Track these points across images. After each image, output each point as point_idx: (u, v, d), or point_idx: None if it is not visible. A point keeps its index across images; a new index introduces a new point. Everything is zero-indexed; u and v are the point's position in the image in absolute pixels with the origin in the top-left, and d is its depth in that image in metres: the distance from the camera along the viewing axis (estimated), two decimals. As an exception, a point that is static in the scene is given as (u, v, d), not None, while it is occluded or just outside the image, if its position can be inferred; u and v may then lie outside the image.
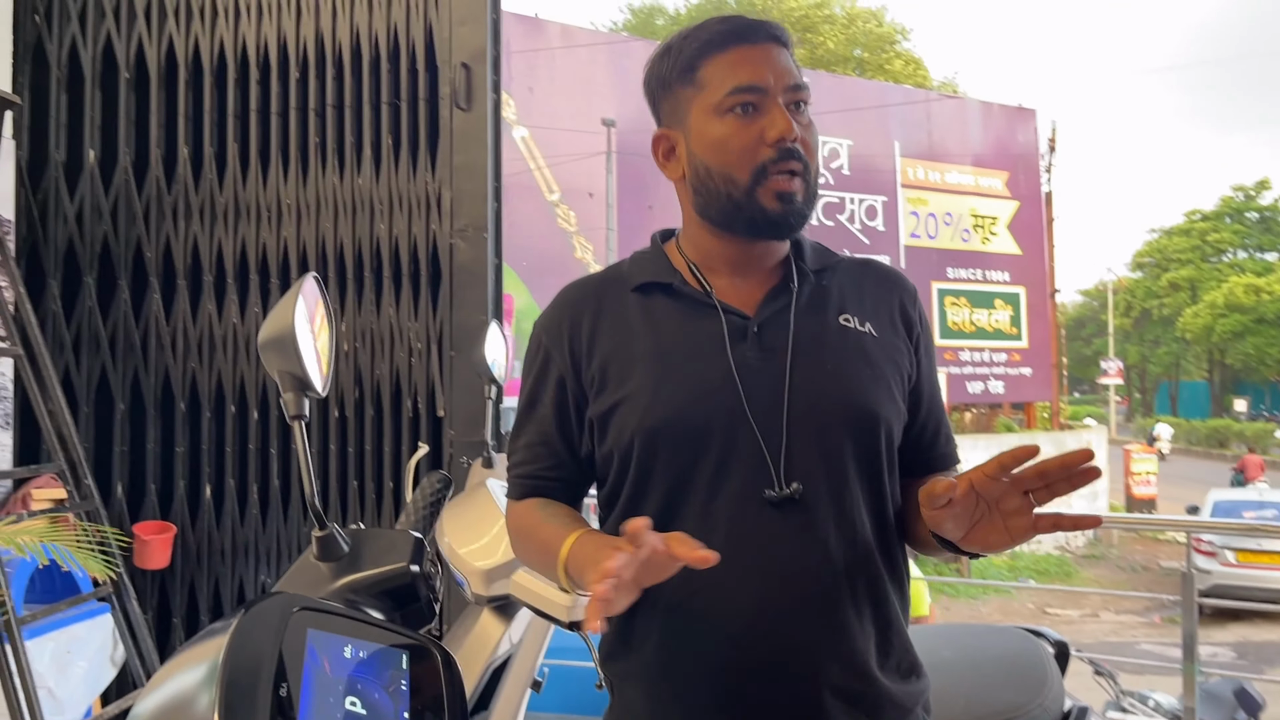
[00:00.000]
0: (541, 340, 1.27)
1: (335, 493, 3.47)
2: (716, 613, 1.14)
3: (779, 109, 1.16)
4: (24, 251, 3.55)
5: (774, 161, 1.15)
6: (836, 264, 1.28)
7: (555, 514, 1.22)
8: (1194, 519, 6.42)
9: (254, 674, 0.84)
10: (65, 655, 2.92)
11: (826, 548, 1.14)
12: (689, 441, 1.15)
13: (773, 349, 1.18)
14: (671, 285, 1.23)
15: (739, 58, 1.17)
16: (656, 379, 1.17)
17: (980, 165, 19.56)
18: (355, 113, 3.50)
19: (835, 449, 1.16)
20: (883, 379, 1.20)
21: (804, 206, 1.18)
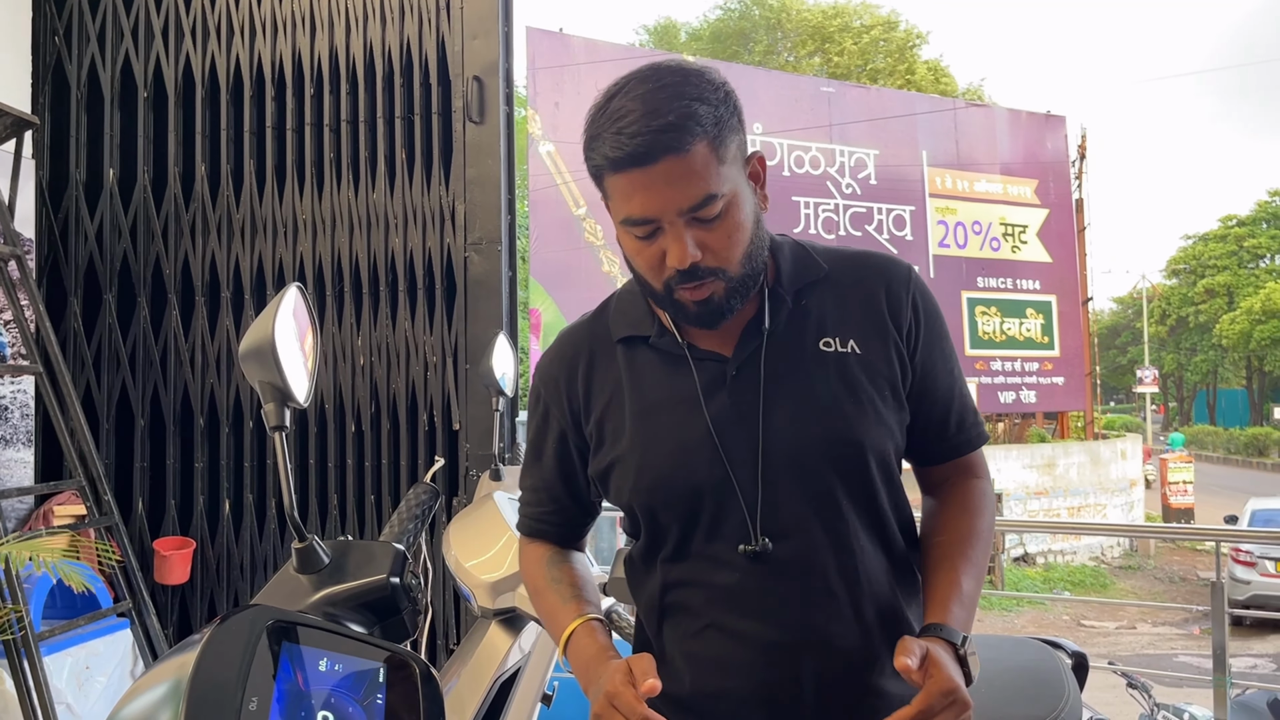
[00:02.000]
0: (540, 394, 1.32)
1: (353, 507, 3.48)
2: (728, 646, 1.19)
3: (674, 233, 1.10)
4: (45, 270, 3.59)
5: (678, 281, 1.13)
6: (821, 275, 1.24)
7: (558, 579, 1.31)
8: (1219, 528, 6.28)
9: (222, 688, 0.83)
10: (84, 671, 2.93)
11: (818, 586, 1.17)
12: (681, 502, 1.20)
13: (749, 390, 1.19)
14: (649, 339, 1.25)
15: (630, 185, 1.10)
16: (644, 441, 1.21)
17: (1009, 173, 19.40)
18: (369, 127, 3.52)
19: (824, 488, 1.17)
20: (867, 402, 1.19)
21: (725, 301, 1.15)
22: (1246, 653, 11.74)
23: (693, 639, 1.22)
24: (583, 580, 1.32)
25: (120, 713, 0.86)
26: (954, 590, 1.17)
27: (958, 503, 1.28)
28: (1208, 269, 40.01)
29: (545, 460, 1.32)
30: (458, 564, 2.08)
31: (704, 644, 1.21)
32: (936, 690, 1.04)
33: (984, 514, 1.27)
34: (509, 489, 2.37)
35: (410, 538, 1.37)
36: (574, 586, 1.30)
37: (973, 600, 1.19)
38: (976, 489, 1.29)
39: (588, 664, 1.18)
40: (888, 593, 1.21)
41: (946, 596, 1.17)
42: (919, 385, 1.24)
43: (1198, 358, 41.57)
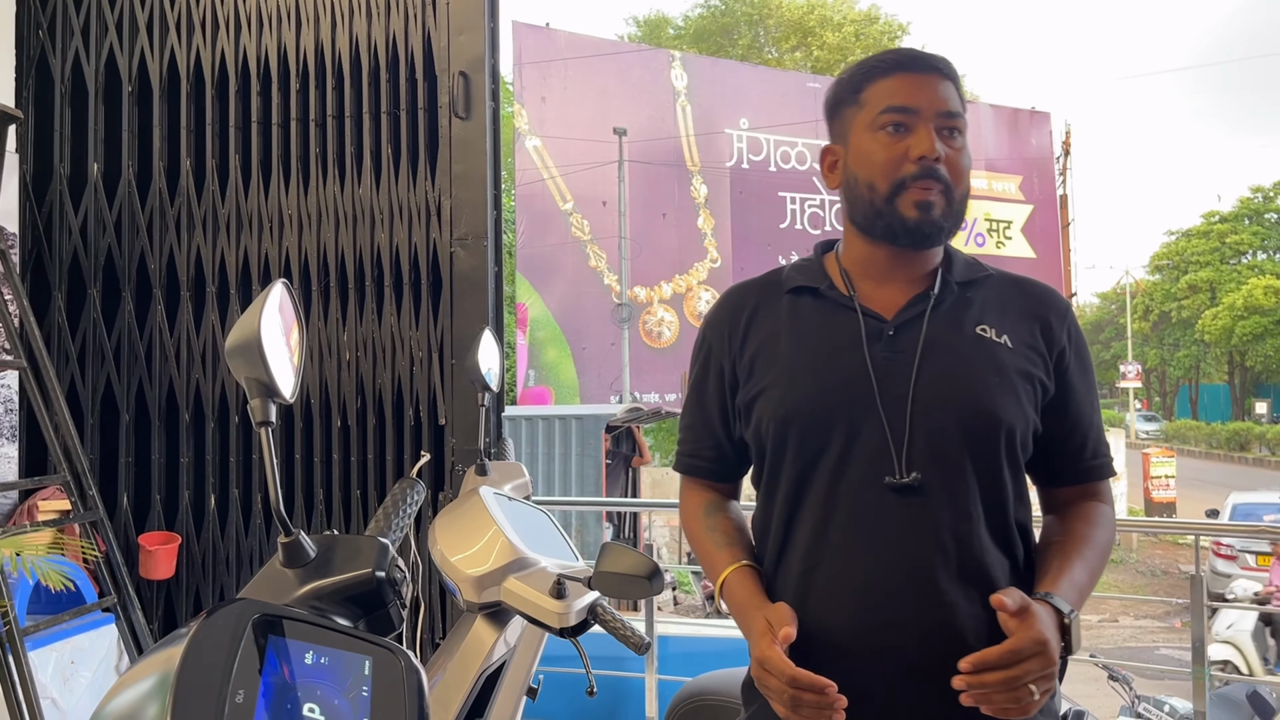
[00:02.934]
0: (706, 335, 1.43)
1: (339, 501, 3.48)
2: (832, 587, 1.26)
3: (926, 130, 1.26)
4: (29, 265, 3.58)
5: (914, 177, 1.25)
6: (986, 278, 1.37)
7: (714, 526, 1.41)
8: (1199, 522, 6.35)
9: (208, 681, 0.84)
10: (69, 666, 2.93)
11: (938, 534, 1.23)
12: (817, 429, 1.27)
13: (904, 350, 1.28)
14: (819, 289, 1.36)
15: (899, 83, 1.28)
16: (794, 371, 1.30)
17: (993, 169, 19.49)
18: (355, 122, 3.51)
19: (952, 445, 1.24)
20: (1010, 386, 1.27)
21: (942, 220, 1.27)
22: (1227, 645, 11.83)
23: (801, 578, 1.28)
24: (737, 528, 1.41)
25: (107, 707, 0.86)
26: (1066, 571, 1.24)
27: (1080, 515, 1.34)
28: (1190, 265, 40.23)
29: (707, 398, 1.41)
30: (443, 558, 2.08)
31: (811, 583, 1.27)
32: (1028, 637, 1.09)
33: (1104, 527, 1.34)
34: (495, 484, 2.38)
35: (396, 532, 1.38)
36: (727, 534, 1.39)
37: (1084, 589, 1.24)
38: (1099, 508, 1.36)
39: (741, 610, 1.28)
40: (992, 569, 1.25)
41: (1059, 573, 1.23)
42: (1060, 403, 1.32)
43: (1180, 353, 41.83)
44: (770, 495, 1.35)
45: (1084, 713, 1.92)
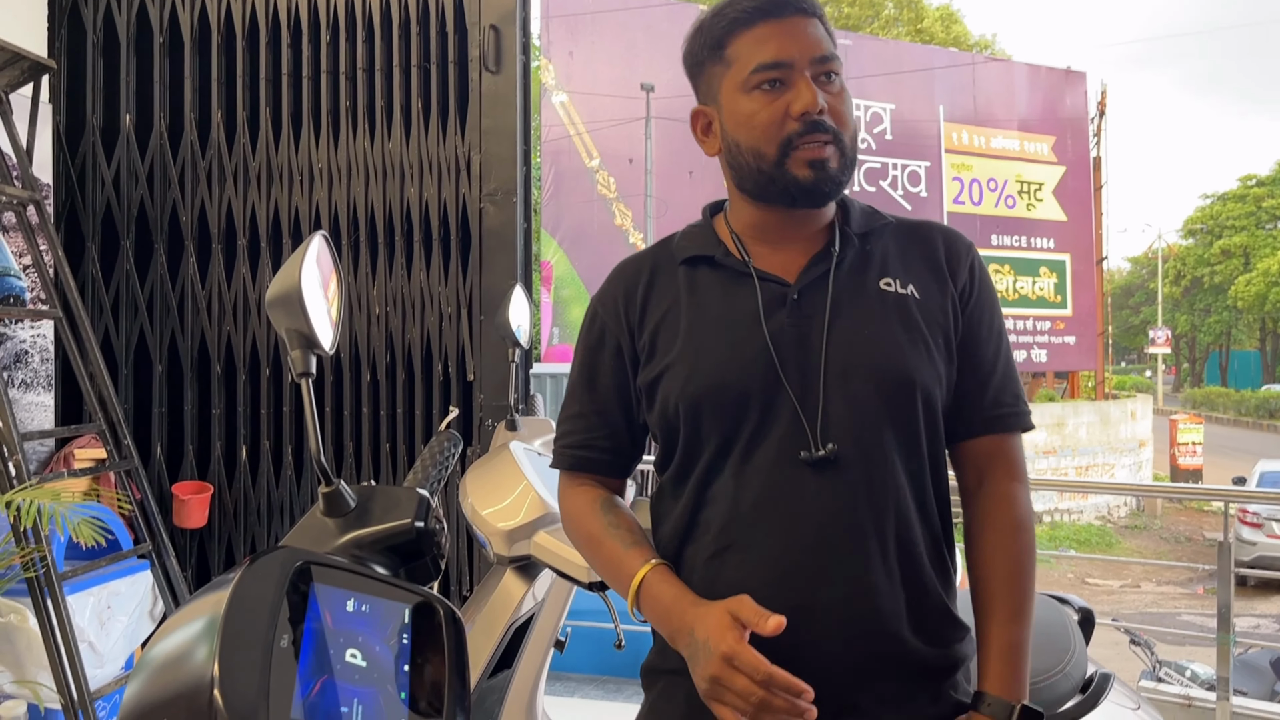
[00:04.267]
0: (597, 313, 1.32)
1: (368, 455, 3.52)
2: (746, 569, 1.16)
3: (804, 82, 1.17)
4: (63, 215, 3.61)
5: (800, 135, 1.17)
6: (884, 226, 1.28)
7: (615, 524, 1.26)
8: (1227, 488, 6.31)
9: (254, 625, 0.85)
10: (106, 610, 2.99)
11: (855, 508, 1.15)
12: (729, 408, 1.18)
13: (810, 315, 1.20)
14: (714, 258, 1.26)
15: (764, 34, 1.18)
16: (697, 349, 1.21)
17: (1026, 130, 19.18)
18: (385, 76, 3.50)
19: (869, 412, 1.17)
20: (921, 342, 1.20)
21: (838, 173, 1.19)
22: (1250, 613, 11.81)
23: (710, 560, 1.19)
24: (639, 526, 1.30)
25: (155, 649, 0.88)
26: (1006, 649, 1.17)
27: (1001, 527, 1.24)
28: (1225, 229, 39.62)
29: (600, 381, 1.30)
30: (474, 512, 2.10)
31: (722, 565, 1.18)
32: None
33: (1024, 530, 1.24)
34: (525, 439, 2.39)
35: (433, 484, 1.39)
36: (633, 532, 1.27)
37: (1024, 655, 1.18)
38: (1017, 505, 1.25)
39: (669, 611, 1.16)
40: (916, 544, 1.19)
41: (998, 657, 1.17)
42: (966, 346, 1.25)
43: (1211, 319, 41.34)
44: (680, 479, 1.25)
45: (1110, 675, 1.92)
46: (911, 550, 1.18)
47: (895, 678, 1.16)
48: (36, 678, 2.75)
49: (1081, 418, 17.81)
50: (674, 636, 1.15)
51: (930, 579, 1.19)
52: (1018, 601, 1.20)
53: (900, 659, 1.16)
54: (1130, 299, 48.13)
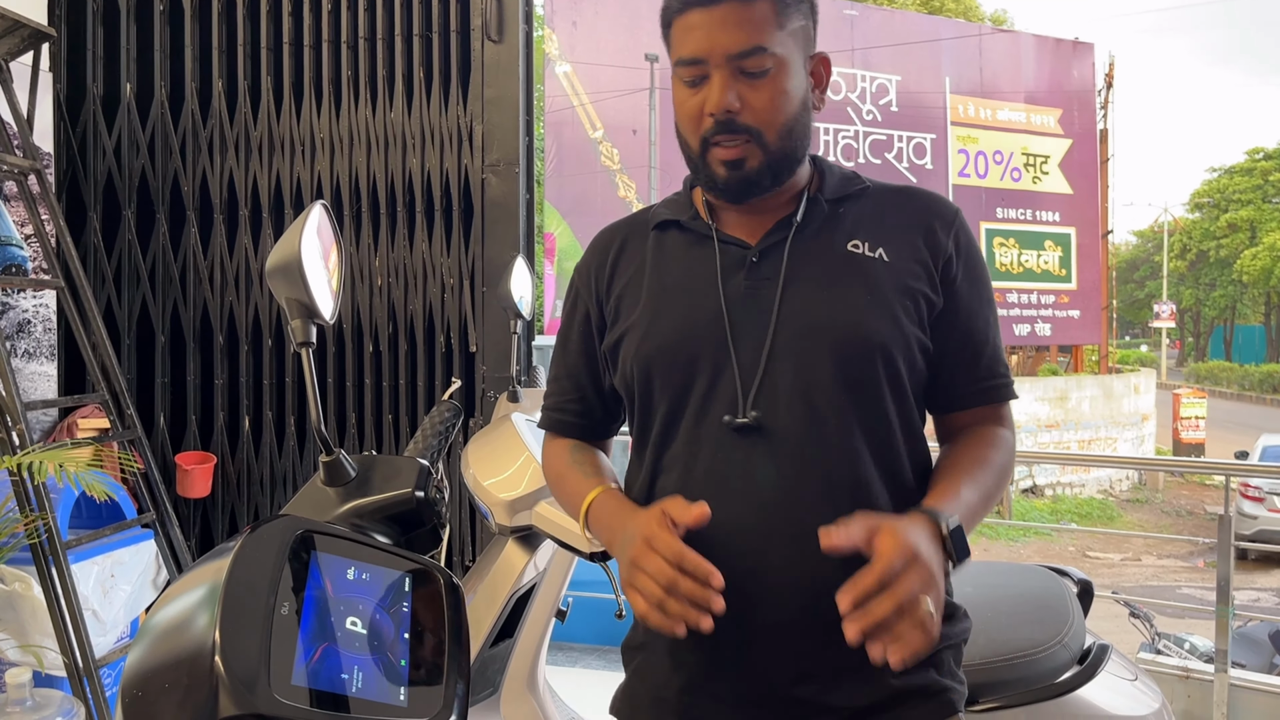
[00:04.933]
0: (574, 280, 1.34)
1: (370, 426, 3.52)
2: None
3: (719, 78, 1.13)
4: (64, 185, 3.60)
5: (713, 133, 1.15)
6: (862, 192, 1.25)
7: (581, 461, 1.29)
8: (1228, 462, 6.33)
9: (255, 592, 0.86)
10: (109, 579, 3.01)
11: (799, 474, 1.12)
12: (679, 370, 1.18)
13: (768, 277, 1.18)
14: (680, 222, 1.27)
15: (690, 23, 1.15)
16: (654, 311, 1.21)
17: (1033, 102, 19.05)
18: (387, 45, 3.48)
19: (819, 375, 1.14)
20: (885, 304, 1.16)
21: (757, 172, 1.16)
22: (1250, 586, 11.86)
23: None
24: (605, 465, 1.31)
25: (158, 614, 0.89)
26: (951, 490, 1.12)
27: (974, 437, 1.23)
28: (1231, 203, 39.40)
29: (571, 346, 1.33)
30: (476, 482, 2.11)
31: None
32: (892, 550, 0.97)
33: (1002, 449, 1.22)
34: (527, 410, 2.40)
35: (434, 454, 1.39)
36: (595, 467, 1.28)
37: (973, 507, 1.13)
38: (998, 431, 1.24)
39: (612, 520, 1.16)
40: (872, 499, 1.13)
41: (942, 491, 1.13)
42: (949, 318, 1.21)
43: (1216, 293, 41.20)
44: (640, 446, 1.25)
45: (1108, 646, 1.93)
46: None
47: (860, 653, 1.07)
48: (41, 645, 2.78)
49: (1085, 392, 17.81)
50: (613, 543, 1.14)
51: None
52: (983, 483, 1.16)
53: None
54: (1135, 273, 47.98)
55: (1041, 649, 1.81)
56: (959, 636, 1.22)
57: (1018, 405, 1.27)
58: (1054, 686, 1.80)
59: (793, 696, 1.13)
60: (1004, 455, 1.22)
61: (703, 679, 1.16)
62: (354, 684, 0.88)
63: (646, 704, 1.22)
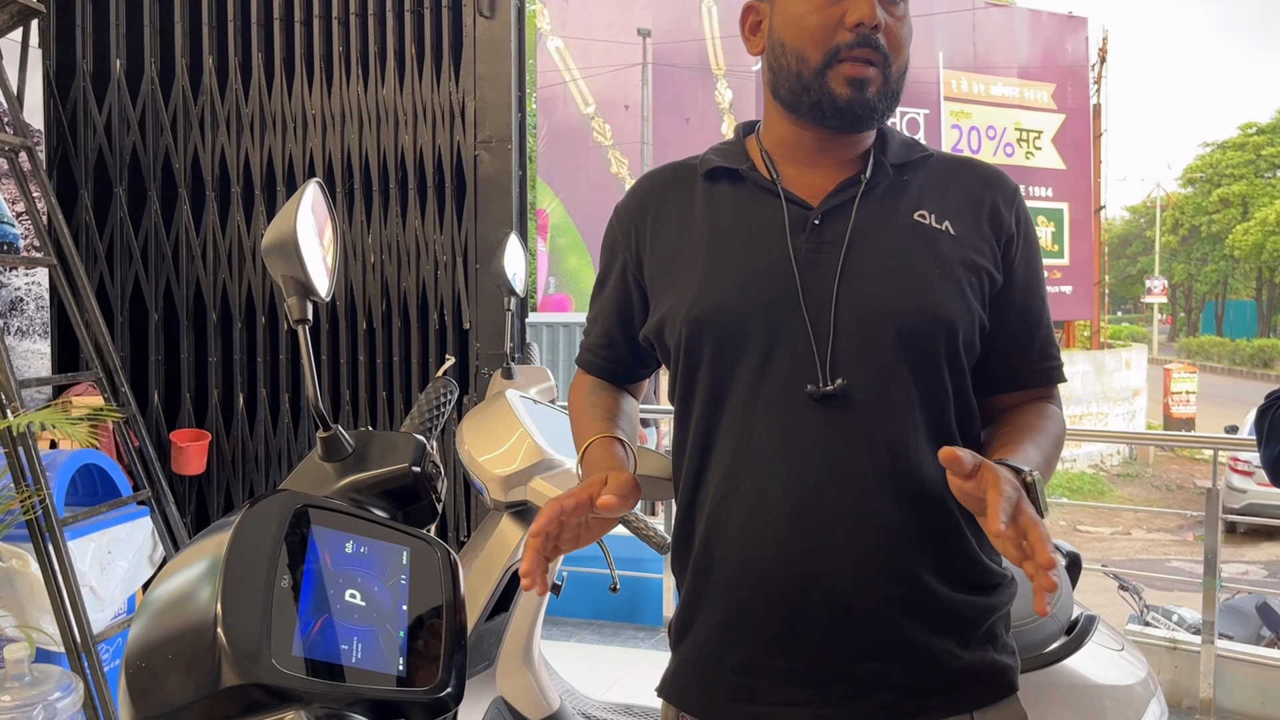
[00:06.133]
0: (613, 226, 1.29)
1: (365, 403, 3.53)
2: (755, 509, 1.11)
3: None
4: (55, 161, 3.58)
5: (849, 46, 1.10)
6: (925, 160, 1.21)
7: (595, 402, 1.29)
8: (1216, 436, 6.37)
9: (255, 566, 0.87)
10: (106, 556, 3.02)
11: (872, 449, 1.09)
12: (735, 333, 1.12)
13: (831, 241, 1.13)
14: (739, 171, 1.20)
15: None
16: (708, 267, 1.15)
17: (1026, 77, 19.02)
18: (379, 20, 3.46)
19: (884, 346, 1.10)
20: (952, 278, 1.12)
21: (877, 99, 1.12)
22: (1239, 559, 11.97)
23: (720, 500, 1.14)
24: (620, 409, 1.29)
25: (160, 588, 0.90)
26: (1019, 448, 1.09)
27: (1029, 409, 1.20)
28: (1224, 178, 39.43)
29: (606, 293, 1.30)
30: (471, 458, 2.13)
31: (732, 506, 1.13)
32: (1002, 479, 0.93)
33: (1056, 421, 1.19)
34: (521, 387, 2.41)
35: (429, 429, 1.41)
36: (608, 410, 1.27)
37: (1039, 467, 1.06)
38: (1049, 406, 1.22)
39: (586, 472, 1.17)
40: (937, 487, 1.09)
41: (1012, 449, 1.08)
42: (1008, 295, 1.18)
43: (1208, 268, 41.30)
44: (686, 410, 1.19)
45: (1094, 617, 1.96)
46: (929, 492, 1.10)
47: (925, 625, 1.10)
48: (39, 622, 2.79)
49: (1076, 367, 17.87)
50: None
51: (958, 522, 1.12)
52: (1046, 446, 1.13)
53: (920, 603, 1.10)
54: (1128, 248, 48.05)
55: (1030, 620, 1.84)
56: (1009, 603, 1.19)
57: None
58: (1042, 657, 1.83)
59: (852, 673, 1.10)
60: (1060, 428, 1.19)
61: (759, 657, 1.12)
62: (353, 654, 0.90)
63: (697, 685, 1.18)
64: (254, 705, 0.82)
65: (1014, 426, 1.16)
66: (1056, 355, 1.23)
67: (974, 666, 1.12)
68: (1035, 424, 1.16)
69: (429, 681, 0.93)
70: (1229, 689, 3.42)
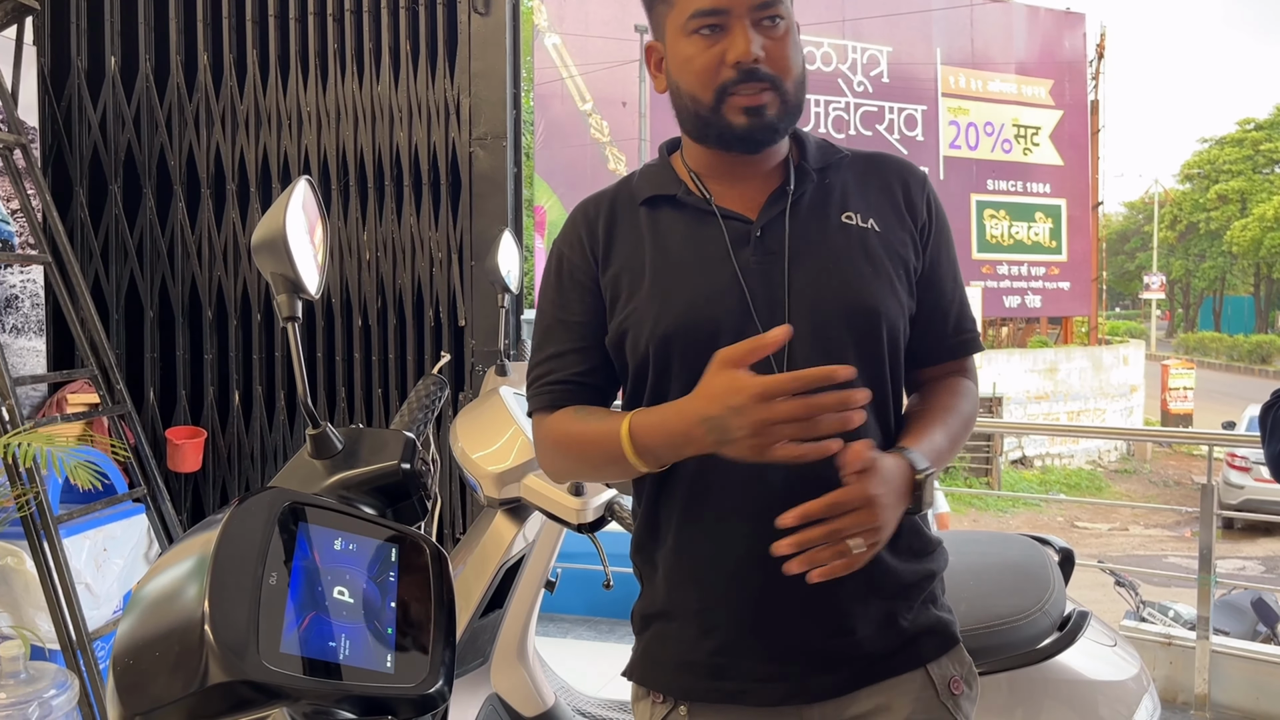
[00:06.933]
0: (563, 254, 1.30)
1: (360, 400, 3.54)
2: (728, 502, 1.18)
3: (741, 29, 1.15)
4: (49, 159, 3.58)
5: (735, 83, 1.16)
6: (840, 160, 1.28)
7: (592, 414, 1.24)
8: (1212, 432, 6.37)
9: (243, 563, 0.87)
10: (102, 553, 3.03)
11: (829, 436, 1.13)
12: (700, 345, 1.16)
13: (775, 251, 1.20)
14: (675, 196, 1.26)
15: None
16: (665, 288, 1.21)
17: (1024, 73, 19.01)
18: (373, 17, 3.46)
19: (836, 345, 1.18)
20: (884, 275, 1.21)
21: (776, 120, 1.19)
22: (1235, 555, 11.99)
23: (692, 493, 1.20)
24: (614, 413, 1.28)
25: (146, 587, 0.90)
26: (926, 434, 1.18)
27: (943, 387, 1.30)
28: (1222, 174, 39.43)
29: (574, 319, 1.27)
30: (464, 455, 2.13)
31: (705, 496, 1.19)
32: (857, 492, 1.02)
33: (968, 399, 1.29)
34: (514, 384, 2.41)
35: (420, 426, 1.41)
36: (611, 412, 1.25)
37: (942, 452, 1.19)
38: (963, 382, 1.31)
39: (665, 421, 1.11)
40: None
41: (918, 435, 1.18)
42: (926, 279, 1.27)
43: (1206, 264, 41.32)
44: None
45: (1087, 613, 1.97)
46: None
47: (881, 597, 1.20)
48: (34, 619, 2.80)
49: (1074, 363, 17.89)
50: (688, 435, 1.09)
51: None
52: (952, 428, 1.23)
53: (882, 578, 1.20)
54: (1126, 244, 48.04)
55: (1022, 616, 1.84)
56: (942, 567, 1.29)
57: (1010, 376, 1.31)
58: (1034, 653, 1.83)
59: (824, 649, 1.19)
60: (971, 404, 1.30)
61: (737, 639, 1.19)
62: (342, 651, 0.90)
63: (671, 667, 1.24)
64: (241, 702, 0.82)
65: (926, 408, 1.26)
66: (972, 327, 1.33)
67: (923, 625, 1.24)
68: (947, 404, 1.27)
69: (417, 678, 0.94)
70: (1224, 685, 3.43)
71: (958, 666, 1.27)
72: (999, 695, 1.83)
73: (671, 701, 1.24)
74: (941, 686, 1.25)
